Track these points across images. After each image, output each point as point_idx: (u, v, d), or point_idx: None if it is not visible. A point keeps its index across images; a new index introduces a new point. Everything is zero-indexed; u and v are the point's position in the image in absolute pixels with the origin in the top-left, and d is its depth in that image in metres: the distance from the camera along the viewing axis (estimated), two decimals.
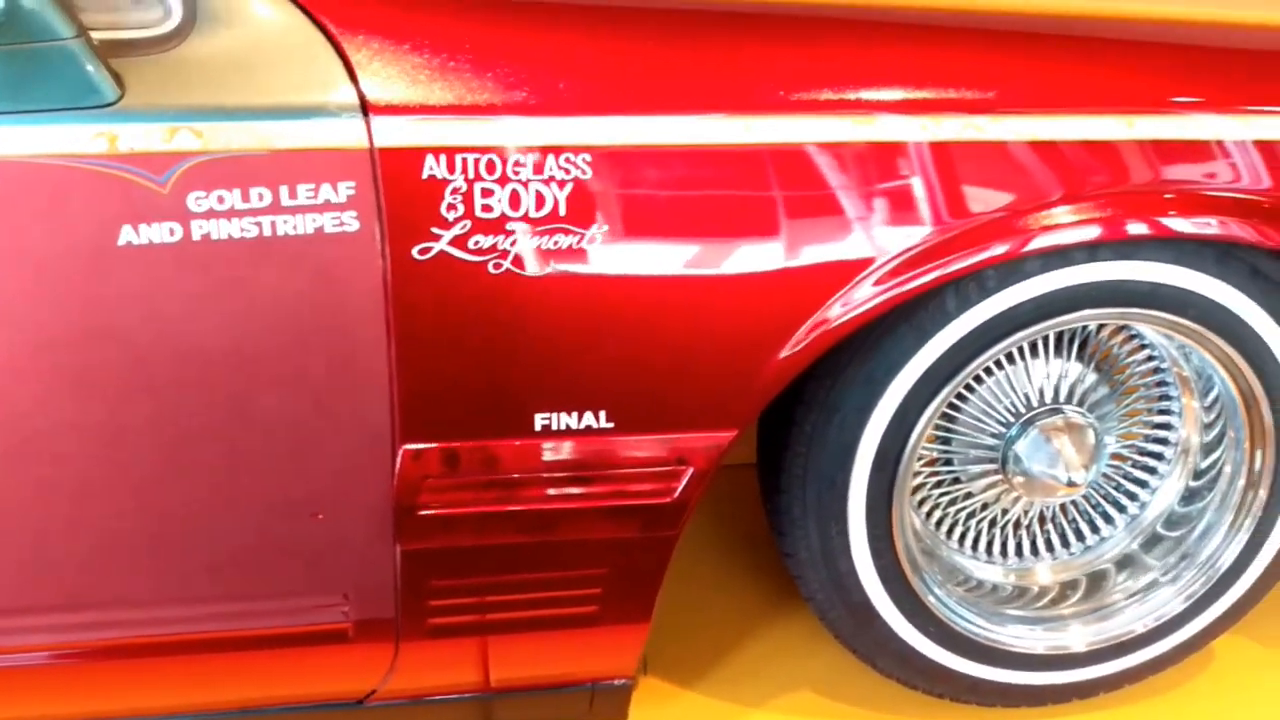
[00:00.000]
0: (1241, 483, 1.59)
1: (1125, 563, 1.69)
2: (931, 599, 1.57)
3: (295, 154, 1.20)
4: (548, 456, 1.34)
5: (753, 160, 1.27)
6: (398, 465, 1.32)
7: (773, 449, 1.55)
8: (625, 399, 1.34)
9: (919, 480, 1.64)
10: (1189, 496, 1.67)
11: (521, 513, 1.36)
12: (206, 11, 1.20)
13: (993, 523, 1.68)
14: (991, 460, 1.59)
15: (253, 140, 1.19)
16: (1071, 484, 1.55)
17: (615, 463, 1.35)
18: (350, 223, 1.23)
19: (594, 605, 1.44)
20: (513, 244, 1.25)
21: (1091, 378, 1.59)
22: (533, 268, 1.26)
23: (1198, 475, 1.66)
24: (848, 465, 1.46)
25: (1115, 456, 1.66)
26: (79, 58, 1.12)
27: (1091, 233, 1.33)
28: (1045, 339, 1.55)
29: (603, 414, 1.34)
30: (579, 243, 1.26)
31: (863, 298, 1.32)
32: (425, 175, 1.22)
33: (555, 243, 1.26)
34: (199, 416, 1.28)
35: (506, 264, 1.26)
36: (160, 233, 1.20)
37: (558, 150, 1.23)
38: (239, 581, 1.37)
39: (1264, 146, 1.36)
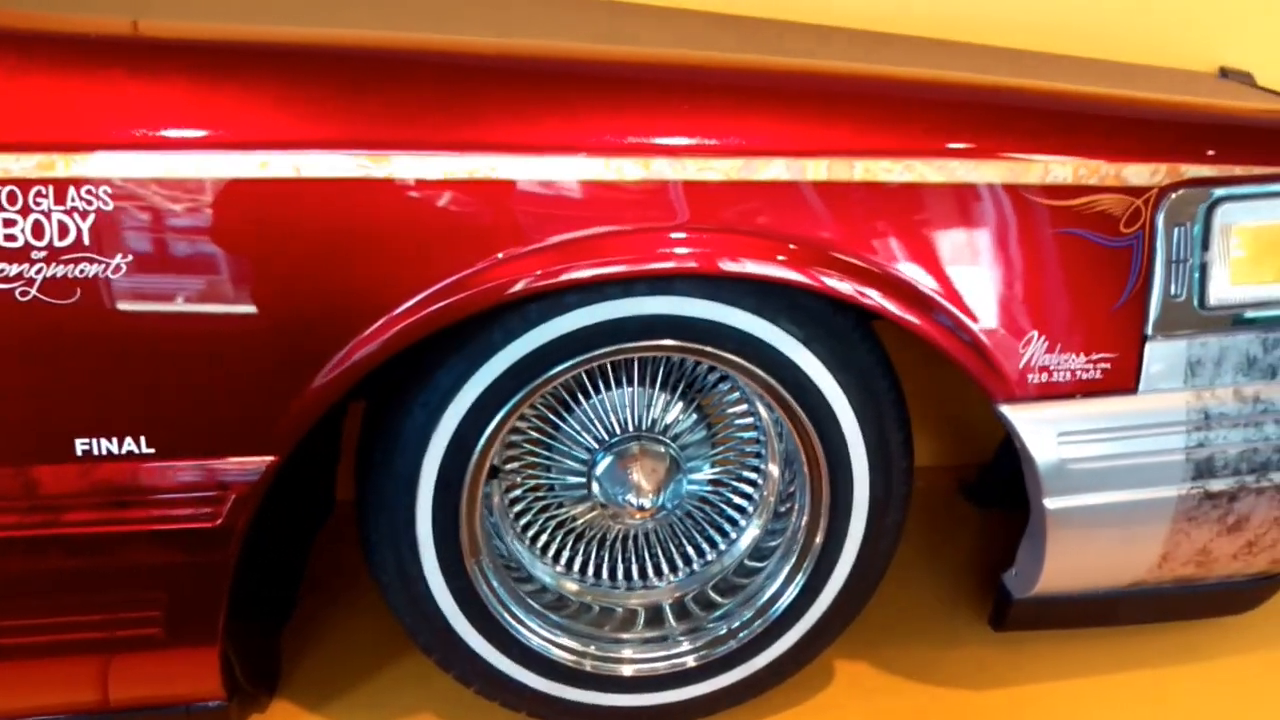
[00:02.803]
0: (804, 520, 1.65)
1: (699, 598, 1.75)
2: (509, 618, 1.61)
3: None
4: (90, 481, 1.38)
5: (271, 194, 1.31)
6: None
7: (359, 476, 1.59)
8: (164, 425, 1.38)
9: (523, 505, 1.70)
10: (765, 538, 1.74)
11: (68, 536, 1.40)
12: None
13: (601, 545, 1.75)
14: (583, 486, 1.66)
15: None
16: (641, 508, 1.62)
17: (157, 488, 1.39)
18: None
19: (157, 628, 1.47)
20: (38, 272, 1.30)
21: (678, 406, 1.66)
22: (60, 295, 1.30)
23: (776, 517, 1.73)
24: (413, 491, 1.51)
25: (714, 483, 1.74)
26: None
27: (616, 269, 1.40)
28: (642, 370, 1.63)
29: (143, 440, 1.38)
30: (105, 271, 1.31)
31: (392, 328, 1.37)
32: None
33: (81, 271, 1.30)
34: None
35: (34, 291, 1.30)
36: None
37: (79, 182, 1.28)
38: None
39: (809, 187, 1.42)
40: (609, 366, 1.63)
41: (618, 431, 1.64)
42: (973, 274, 1.49)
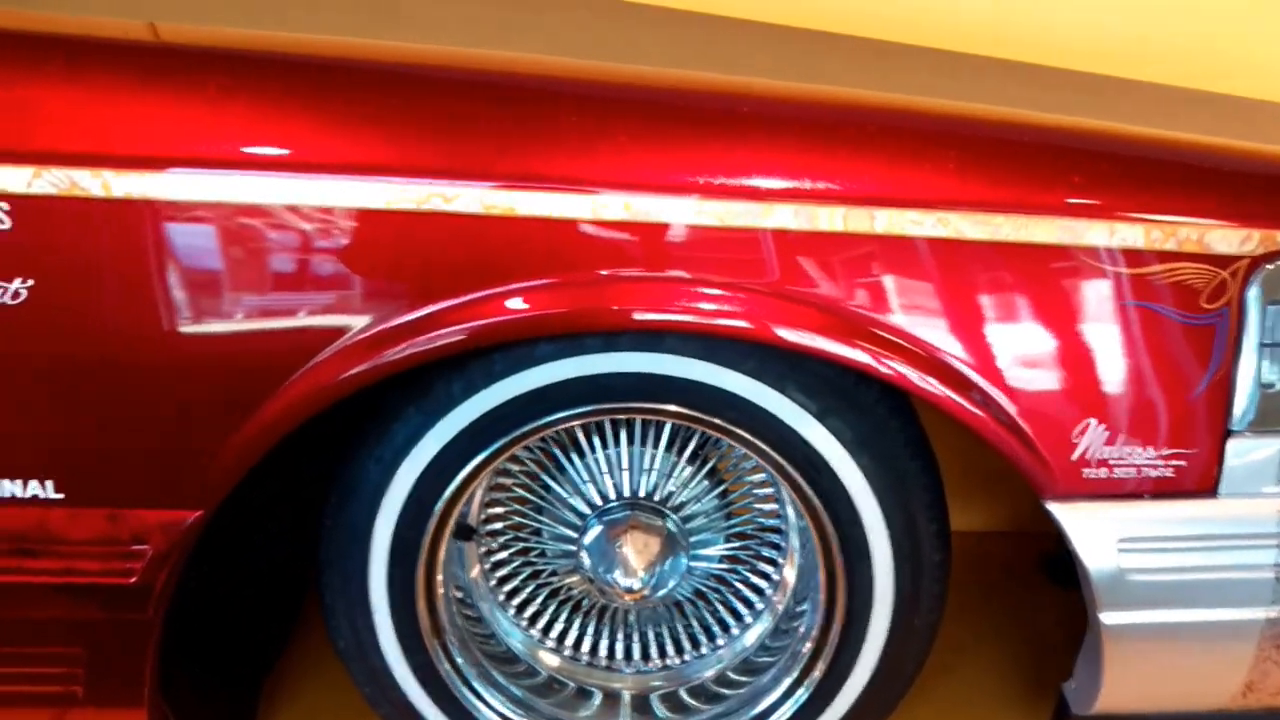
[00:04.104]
0: (817, 617, 1.42)
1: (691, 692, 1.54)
2: (476, 701, 1.44)
3: None
4: None
5: (190, 217, 1.16)
6: None
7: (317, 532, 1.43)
8: (75, 470, 1.24)
9: (509, 569, 1.52)
10: (769, 643, 1.52)
11: None
12: None
13: (601, 618, 1.55)
14: (574, 555, 1.46)
15: None
16: (629, 590, 1.42)
17: (65, 538, 1.25)
18: None
19: (77, 686, 1.33)
20: None
21: (686, 471, 1.45)
22: None
23: (783, 622, 1.51)
24: (365, 554, 1.34)
25: (729, 560, 1.51)
26: None
27: (587, 321, 1.21)
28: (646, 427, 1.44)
29: (50, 484, 1.24)
30: (2, 297, 1.17)
31: (325, 379, 1.20)
32: None
33: None
34: None
35: None
36: None
37: None
38: None
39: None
40: (607, 421, 1.43)
41: (612, 497, 1.44)
42: (1017, 348, 1.25)
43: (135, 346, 1.19)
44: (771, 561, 1.50)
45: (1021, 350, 1.26)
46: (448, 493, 1.32)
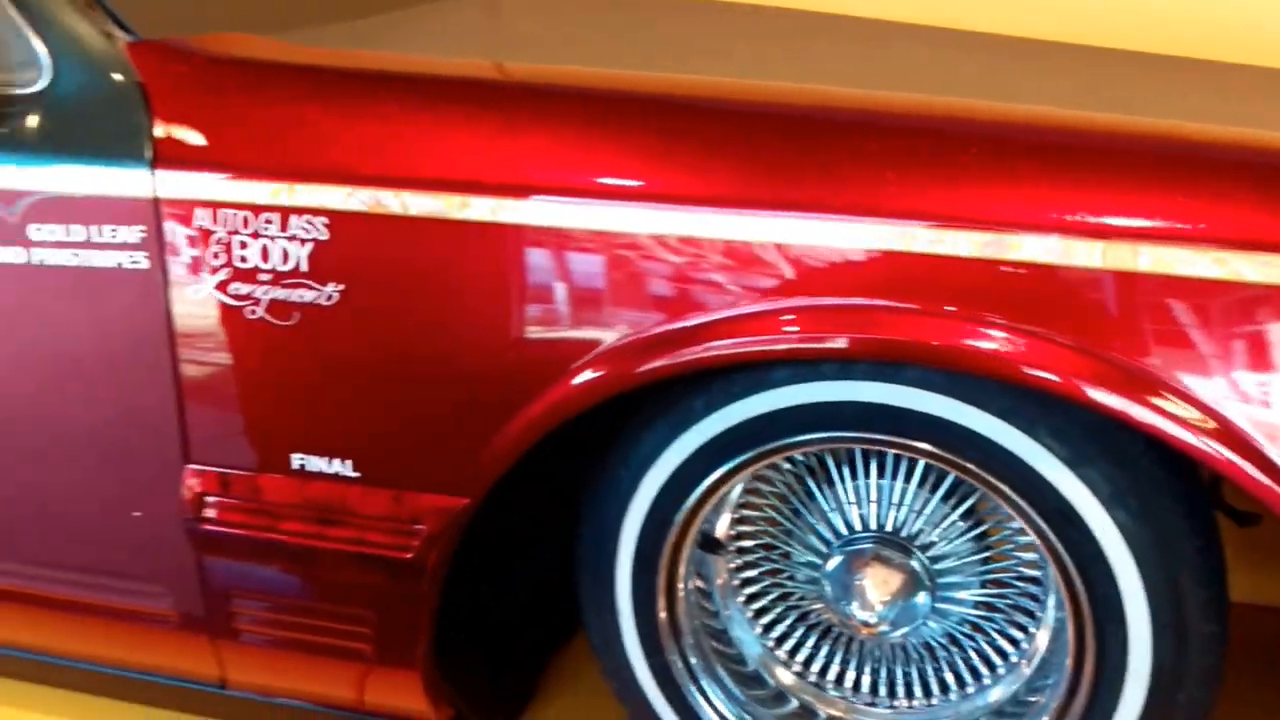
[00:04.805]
0: (1061, 681, 1.32)
1: None
2: (703, 704, 1.47)
3: (101, 199, 1.39)
4: (303, 495, 1.44)
5: (479, 237, 1.29)
6: (184, 481, 1.48)
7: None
8: (370, 452, 1.41)
9: (757, 588, 1.53)
10: (1006, 708, 1.43)
11: (285, 544, 1.47)
12: (70, 74, 1.41)
13: (849, 647, 1.51)
14: (814, 581, 1.46)
15: (73, 184, 1.40)
16: (866, 624, 1.39)
17: (358, 512, 1.42)
18: (142, 261, 1.40)
19: (367, 643, 1.50)
20: (264, 293, 1.37)
21: (941, 508, 1.40)
22: (280, 317, 1.37)
23: (1034, 680, 1.42)
24: (612, 558, 1.42)
25: (983, 608, 1.44)
26: None
27: (833, 345, 1.21)
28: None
29: (350, 463, 1.41)
30: (318, 298, 1.35)
31: (582, 383, 1.29)
32: (196, 225, 1.37)
33: (299, 296, 1.36)
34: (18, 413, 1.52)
35: (260, 311, 1.38)
36: (10, 255, 1.44)
37: (299, 211, 1.33)
38: (82, 554, 1.58)
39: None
40: (858, 451, 1.42)
41: (858, 528, 1.42)
42: None
43: (427, 346, 1.35)
44: (1029, 613, 1.42)
45: None
46: (687, 504, 1.37)
